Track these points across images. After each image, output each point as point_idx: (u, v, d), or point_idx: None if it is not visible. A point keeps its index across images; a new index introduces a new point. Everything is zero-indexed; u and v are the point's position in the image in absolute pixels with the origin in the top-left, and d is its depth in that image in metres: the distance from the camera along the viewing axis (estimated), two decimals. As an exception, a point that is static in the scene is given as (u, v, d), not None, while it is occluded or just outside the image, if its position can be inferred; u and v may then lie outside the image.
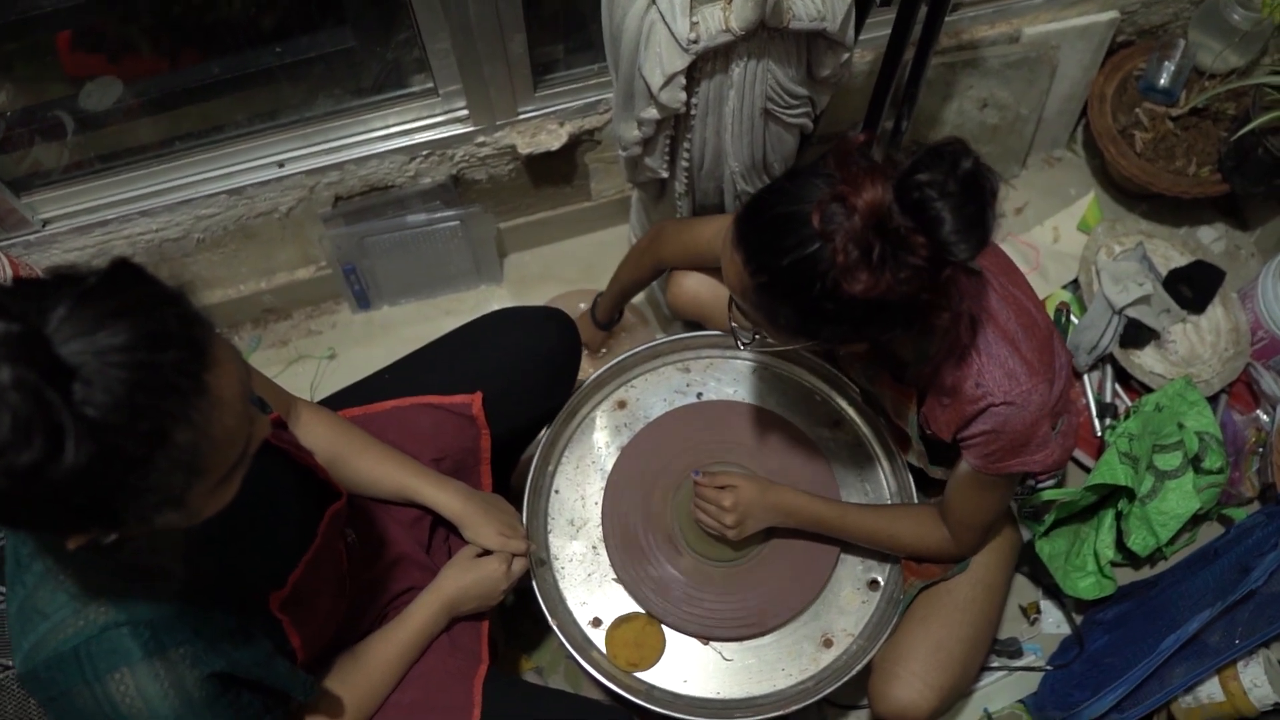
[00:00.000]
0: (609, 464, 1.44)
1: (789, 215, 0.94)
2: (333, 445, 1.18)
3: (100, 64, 1.54)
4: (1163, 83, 1.87)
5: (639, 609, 1.36)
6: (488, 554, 1.23)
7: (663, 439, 1.45)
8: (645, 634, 1.34)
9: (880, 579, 1.39)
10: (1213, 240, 2.03)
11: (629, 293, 1.63)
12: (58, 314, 0.60)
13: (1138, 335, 1.78)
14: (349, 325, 1.96)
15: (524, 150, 1.69)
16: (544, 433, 1.43)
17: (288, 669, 0.93)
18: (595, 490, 1.43)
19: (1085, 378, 1.83)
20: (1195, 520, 1.68)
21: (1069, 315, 1.89)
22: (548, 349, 1.36)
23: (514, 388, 1.33)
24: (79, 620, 0.77)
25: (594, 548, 1.39)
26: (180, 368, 0.64)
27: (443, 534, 1.30)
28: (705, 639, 1.35)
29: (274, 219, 1.72)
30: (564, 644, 1.29)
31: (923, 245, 0.87)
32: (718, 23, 1.18)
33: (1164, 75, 1.86)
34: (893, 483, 1.44)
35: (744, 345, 1.16)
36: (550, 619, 1.30)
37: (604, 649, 1.33)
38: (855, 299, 0.91)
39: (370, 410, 1.29)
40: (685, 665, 1.34)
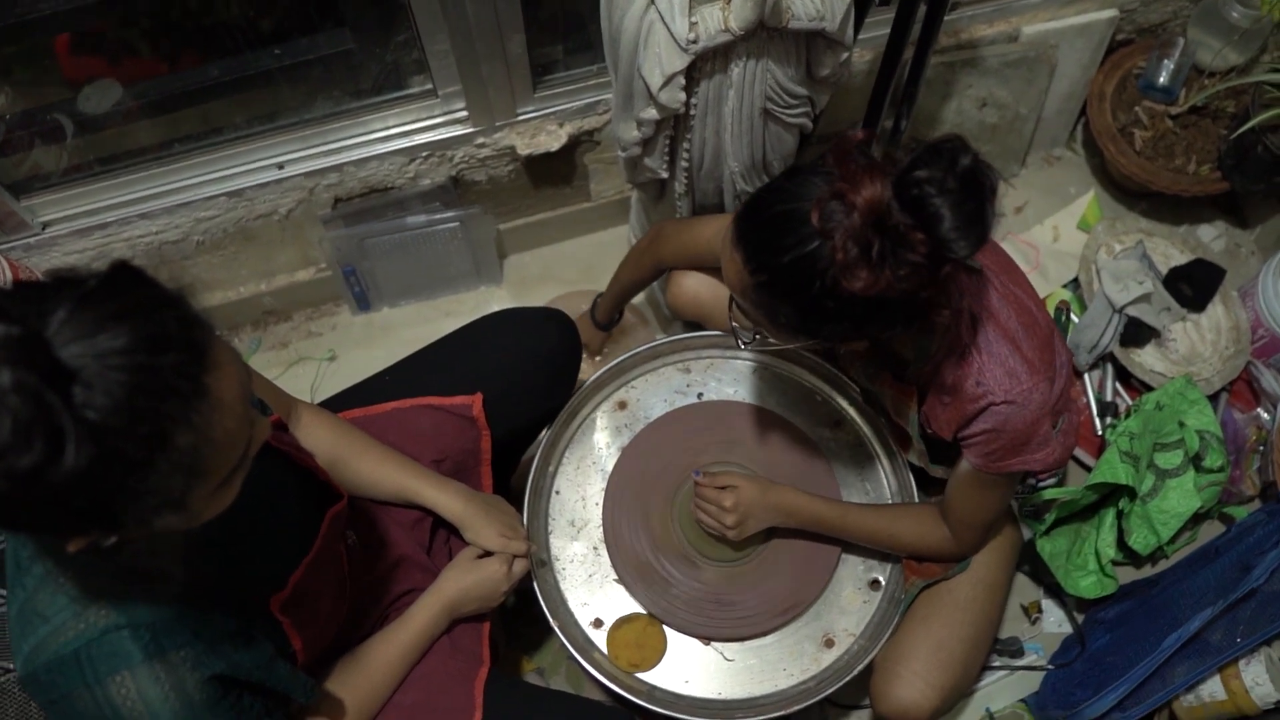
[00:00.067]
0: (610, 465, 1.44)
1: (788, 213, 0.94)
2: (333, 447, 1.18)
3: (99, 67, 1.54)
4: (1162, 81, 1.86)
5: (640, 610, 1.35)
6: (489, 555, 1.23)
7: (663, 439, 1.44)
8: (646, 635, 1.34)
9: (881, 578, 1.38)
10: (1213, 238, 2.03)
11: (629, 293, 1.63)
12: (58, 317, 0.60)
13: (1138, 334, 1.78)
14: (349, 327, 1.96)
15: (523, 151, 1.69)
16: (544, 434, 1.43)
17: (289, 671, 0.93)
18: (596, 491, 1.43)
19: (1086, 376, 1.83)
20: (1196, 519, 1.68)
21: (1069, 314, 1.89)
22: (548, 350, 1.36)
23: (514, 389, 1.33)
24: (79, 623, 0.77)
25: (595, 548, 1.39)
26: (180, 370, 0.64)
27: (443, 535, 1.30)
28: (706, 639, 1.35)
29: (274, 221, 1.72)
30: (565, 645, 1.29)
31: (922, 242, 0.87)
32: (717, 23, 1.18)
33: (1163, 73, 1.86)
34: (893, 482, 1.44)
35: (744, 345, 1.16)
36: (551, 620, 1.30)
37: (605, 650, 1.33)
38: (855, 296, 0.91)
39: (370, 412, 1.29)
40: (687, 666, 1.33)
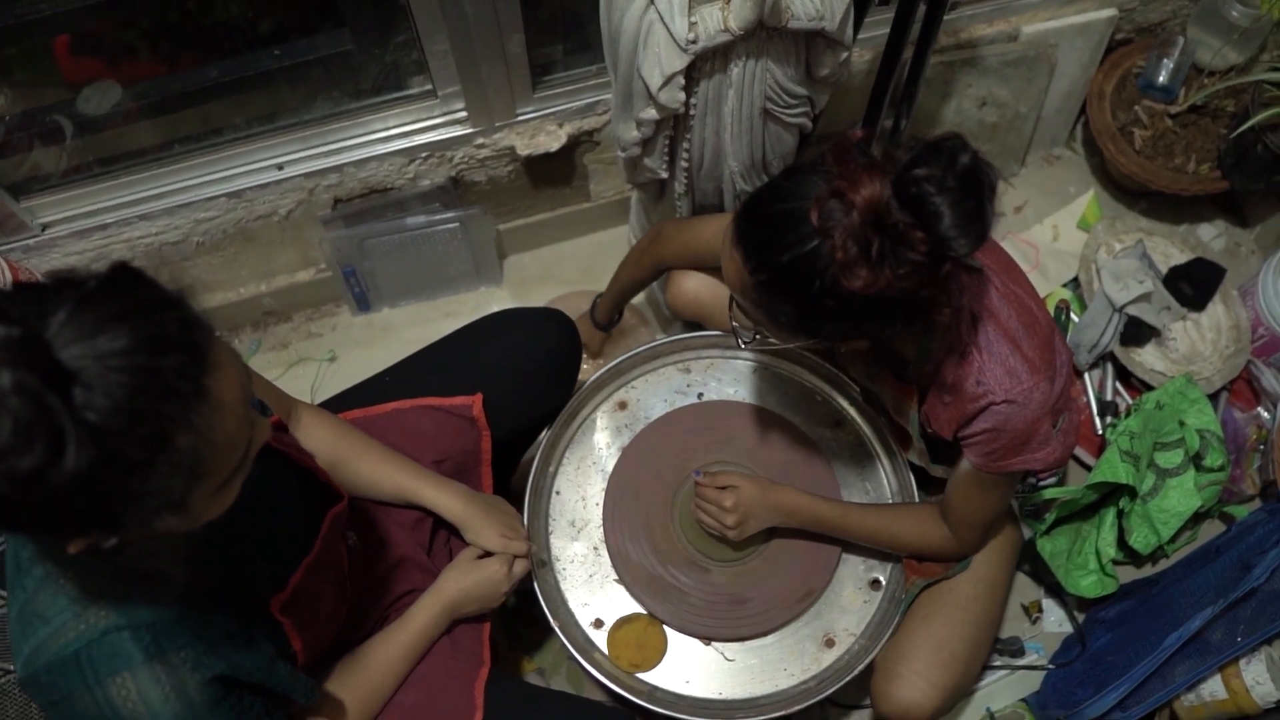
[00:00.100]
0: (610, 465, 1.44)
1: (788, 212, 0.94)
2: (334, 448, 1.18)
3: (99, 68, 1.54)
4: (1162, 80, 1.86)
5: (641, 610, 1.35)
6: (489, 556, 1.23)
7: (664, 440, 1.44)
8: (647, 635, 1.33)
9: (882, 578, 1.38)
10: (1213, 237, 2.02)
11: (629, 293, 1.63)
12: (58, 318, 0.60)
13: (1138, 333, 1.78)
14: (349, 328, 1.96)
15: (523, 151, 1.69)
16: (545, 434, 1.43)
17: (289, 672, 0.93)
18: (596, 491, 1.43)
19: (1086, 376, 1.83)
20: (1196, 518, 1.68)
21: (1069, 313, 1.89)
22: (548, 350, 1.36)
23: (515, 389, 1.33)
24: (80, 624, 0.77)
25: (595, 549, 1.39)
26: (181, 372, 0.64)
27: (444, 536, 1.30)
28: (707, 639, 1.35)
29: (273, 222, 1.72)
30: (566, 645, 1.29)
31: (921, 241, 0.87)
32: (716, 23, 1.18)
33: (1163, 72, 1.86)
34: (894, 482, 1.44)
35: (745, 344, 1.16)
36: (552, 620, 1.30)
37: (606, 650, 1.33)
38: (855, 295, 0.91)
39: (371, 412, 1.29)
40: (687, 666, 1.33)
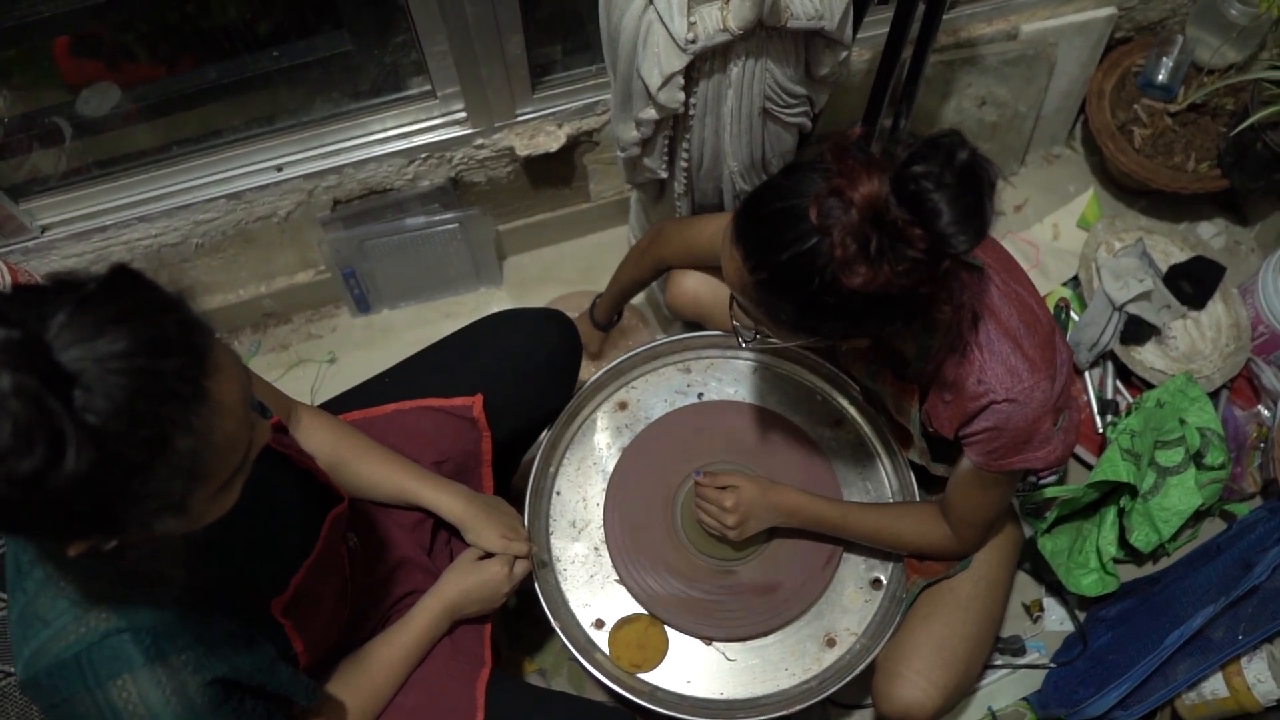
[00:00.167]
0: (610, 465, 1.44)
1: (786, 210, 0.94)
2: (334, 449, 1.18)
3: (98, 70, 1.53)
4: (1161, 78, 1.86)
5: (642, 610, 1.35)
6: (490, 557, 1.23)
7: (664, 440, 1.44)
8: (648, 635, 1.33)
9: (883, 578, 1.38)
10: (1212, 236, 2.02)
11: (629, 293, 1.63)
12: (57, 320, 0.60)
13: (1138, 331, 1.78)
14: (349, 329, 1.96)
15: (522, 152, 1.69)
16: (545, 434, 1.43)
17: (290, 674, 0.93)
18: (597, 492, 1.43)
19: (1086, 374, 1.83)
20: (1197, 516, 1.68)
21: (1069, 312, 1.89)
22: (548, 350, 1.36)
23: (515, 390, 1.33)
24: (80, 627, 0.77)
25: (596, 549, 1.39)
26: (181, 374, 0.64)
27: (444, 537, 1.30)
28: (708, 639, 1.35)
29: (273, 223, 1.72)
30: (567, 646, 1.29)
31: (920, 238, 0.86)
32: (715, 22, 1.18)
33: (1162, 71, 1.86)
34: (894, 481, 1.44)
35: (745, 344, 1.16)
36: (553, 621, 1.30)
37: (607, 650, 1.33)
38: (854, 293, 0.90)
39: (371, 414, 1.28)
40: (688, 666, 1.33)
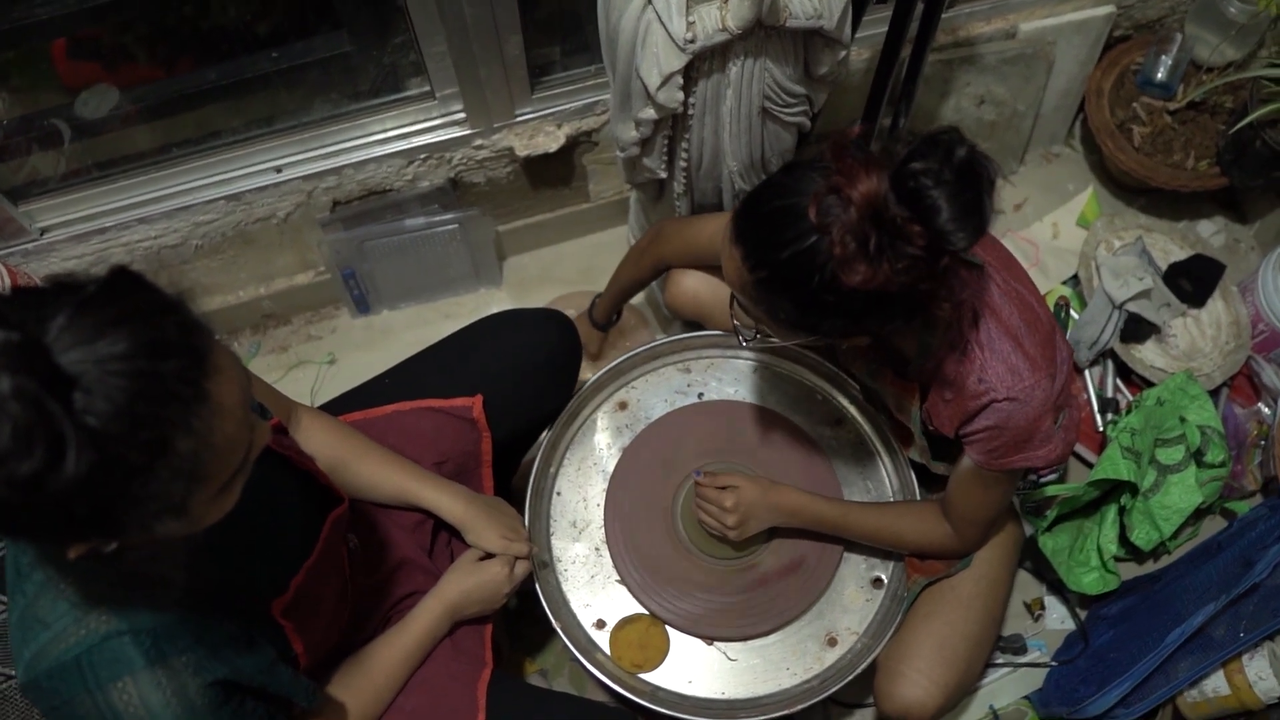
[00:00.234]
0: (611, 465, 1.44)
1: (786, 209, 0.94)
2: (334, 450, 1.18)
3: (96, 72, 1.53)
4: (1160, 77, 1.86)
5: (642, 610, 1.35)
6: (490, 557, 1.23)
7: (664, 440, 1.44)
8: (649, 635, 1.33)
9: (884, 576, 1.38)
10: (1212, 234, 2.02)
11: (628, 293, 1.63)
12: (57, 323, 0.60)
13: (1138, 330, 1.78)
14: (348, 330, 1.96)
15: (522, 152, 1.69)
16: (545, 435, 1.43)
17: (290, 675, 0.93)
18: (597, 492, 1.42)
19: (1086, 373, 1.83)
20: (1198, 514, 1.68)
21: (1069, 310, 1.89)
22: (548, 350, 1.36)
23: (515, 390, 1.33)
24: (80, 629, 0.77)
25: (597, 549, 1.39)
26: (181, 376, 0.64)
27: (445, 538, 1.30)
28: (709, 639, 1.34)
29: (272, 224, 1.72)
30: (568, 646, 1.29)
31: (920, 235, 0.86)
32: (714, 22, 1.18)
33: (1161, 69, 1.86)
34: (895, 480, 1.44)
35: (746, 343, 1.16)
36: (554, 621, 1.30)
37: (608, 651, 1.33)
38: (854, 291, 0.90)
39: (371, 415, 1.28)
40: (690, 666, 1.33)
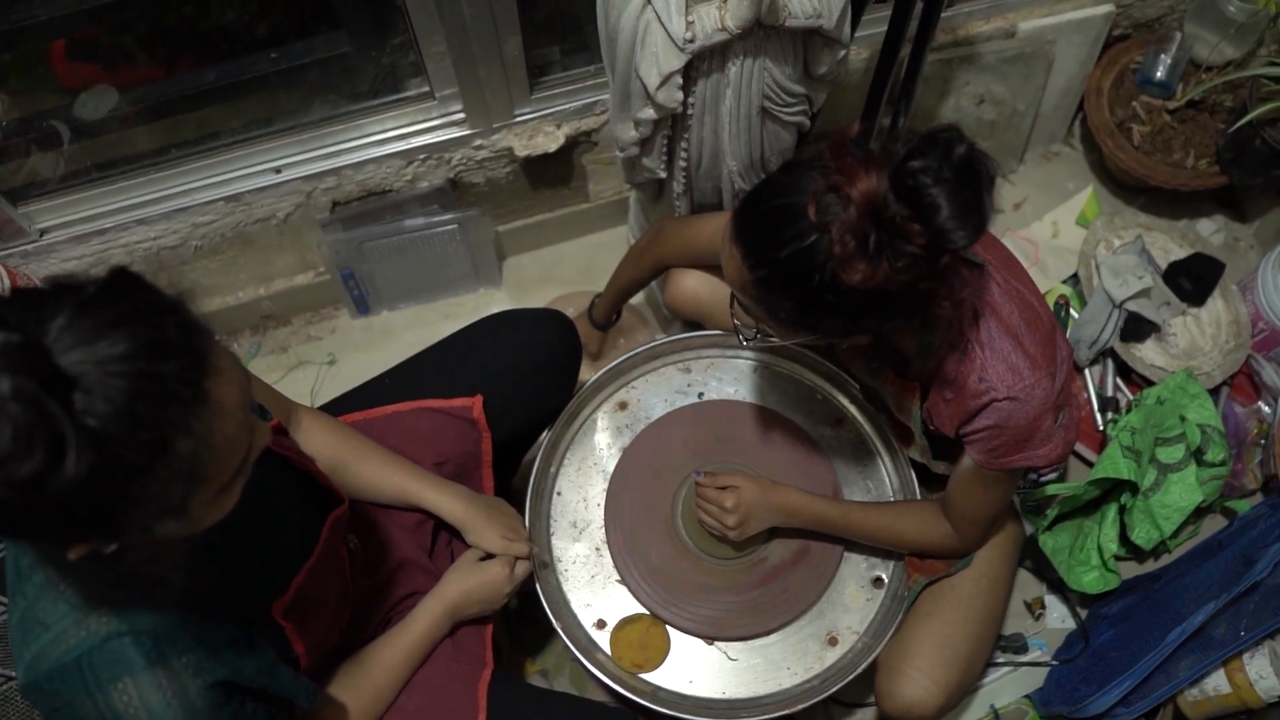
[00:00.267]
0: (611, 465, 1.44)
1: (785, 208, 0.94)
2: (334, 451, 1.18)
3: (95, 73, 1.53)
4: (1159, 75, 1.86)
5: (643, 610, 1.35)
6: (491, 558, 1.23)
7: (664, 439, 1.44)
8: (650, 635, 1.33)
9: (884, 576, 1.38)
10: (1212, 232, 2.02)
11: (628, 293, 1.63)
12: (57, 324, 0.60)
13: (1138, 328, 1.78)
14: (348, 331, 1.96)
15: (521, 152, 1.69)
16: (545, 435, 1.43)
17: (291, 676, 0.93)
18: (598, 492, 1.42)
19: (1086, 372, 1.83)
20: (1198, 513, 1.68)
21: (1069, 309, 1.89)
22: (548, 350, 1.36)
23: (515, 390, 1.33)
24: (81, 631, 0.77)
25: (597, 549, 1.39)
26: (181, 376, 0.64)
27: (445, 538, 1.30)
28: (710, 639, 1.34)
29: (272, 225, 1.72)
30: (569, 646, 1.29)
31: (919, 233, 0.86)
32: (714, 21, 1.18)
33: (1160, 68, 1.86)
34: (895, 479, 1.44)
35: (746, 342, 1.16)
36: (554, 621, 1.30)
37: (609, 651, 1.33)
38: (854, 289, 0.90)
39: (371, 415, 1.28)
40: (690, 666, 1.33)
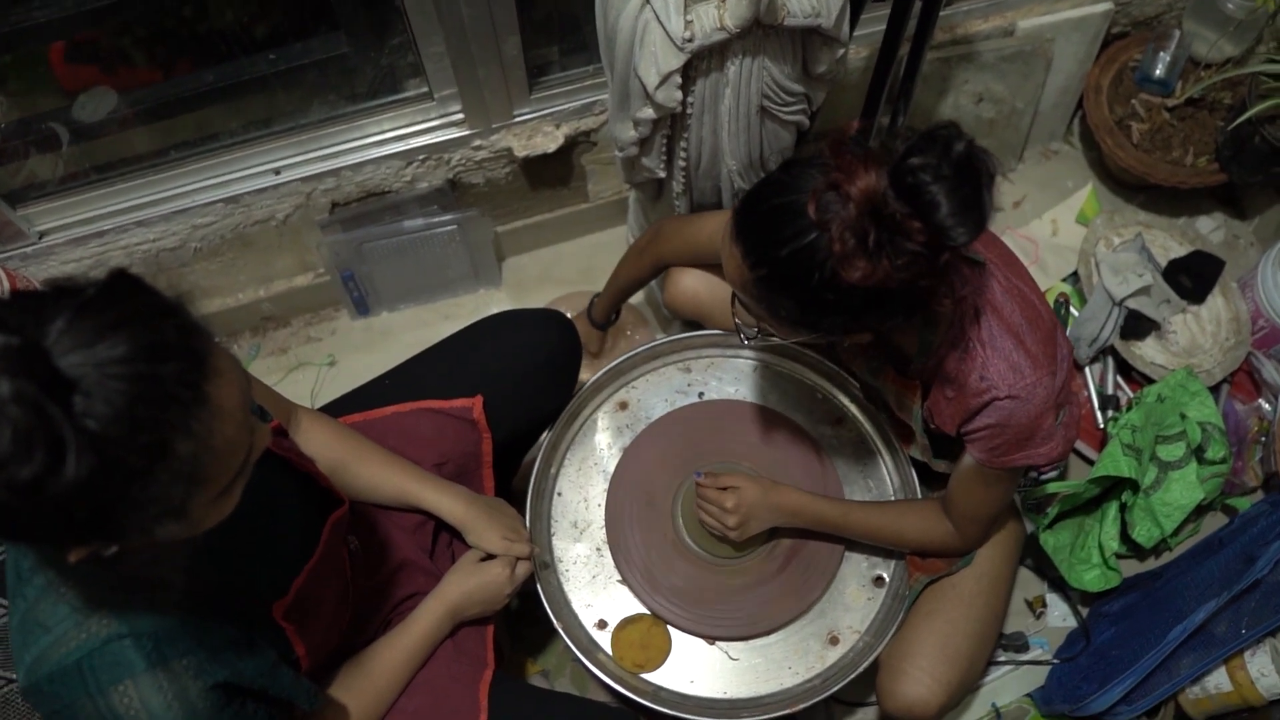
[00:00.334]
0: (611, 465, 1.44)
1: (785, 206, 0.94)
2: (334, 452, 1.18)
3: (94, 75, 1.53)
4: (1158, 73, 1.86)
5: (644, 610, 1.35)
6: (491, 558, 1.23)
7: (665, 439, 1.44)
8: (651, 635, 1.33)
9: (885, 575, 1.38)
10: (1211, 230, 2.02)
11: (627, 292, 1.63)
12: (57, 326, 0.60)
13: (1138, 326, 1.78)
14: (348, 332, 1.96)
15: (520, 153, 1.69)
16: (546, 435, 1.43)
17: (292, 678, 0.93)
18: (598, 492, 1.42)
19: (1087, 370, 1.83)
20: (1199, 510, 1.68)
21: (1069, 307, 1.89)
22: (548, 351, 1.36)
23: (515, 390, 1.33)
24: (81, 633, 0.77)
25: (598, 549, 1.39)
26: (180, 379, 0.64)
27: (446, 539, 1.30)
28: (711, 639, 1.34)
29: (271, 227, 1.72)
30: (570, 647, 1.29)
31: (919, 230, 0.86)
32: (712, 21, 1.18)
33: (1159, 66, 1.86)
34: (895, 478, 1.44)
35: (747, 341, 1.16)
36: (555, 622, 1.30)
37: (610, 651, 1.33)
38: (854, 287, 0.90)
39: (371, 416, 1.28)
40: (691, 666, 1.33)
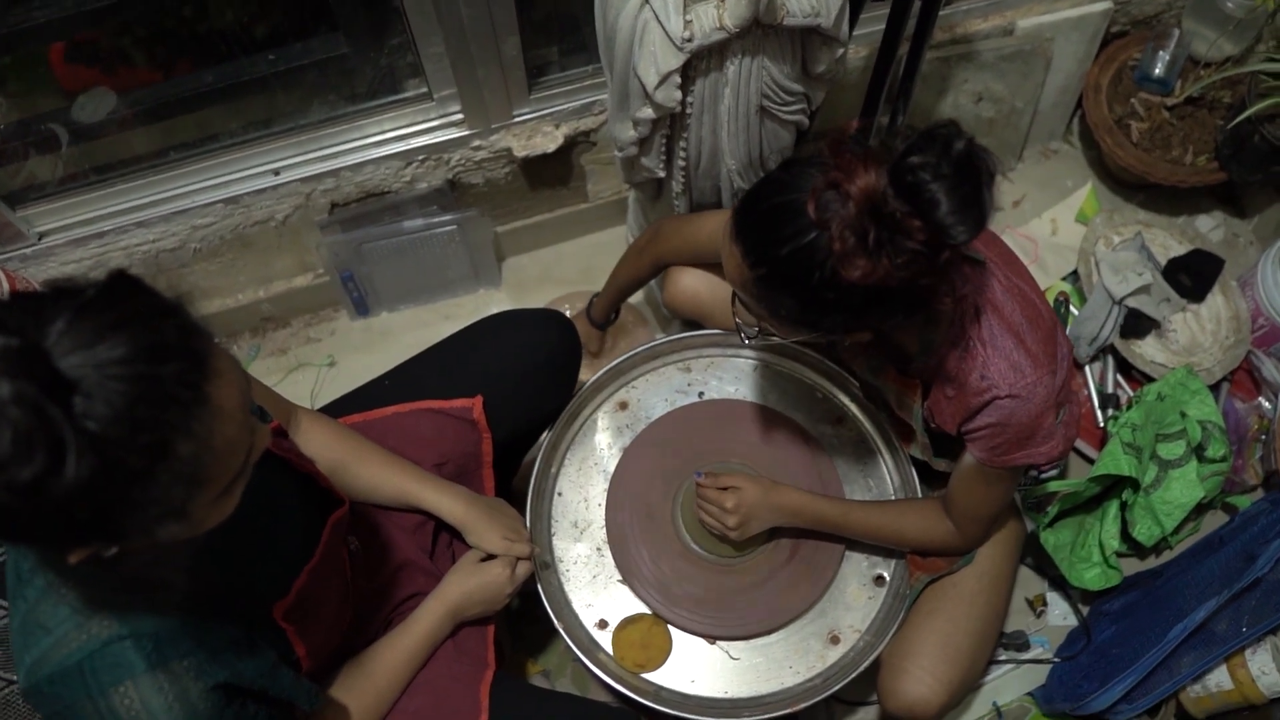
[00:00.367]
0: (611, 465, 1.44)
1: (785, 205, 0.94)
2: (334, 453, 1.18)
3: (93, 76, 1.53)
4: (1158, 72, 1.86)
5: (645, 610, 1.35)
6: (492, 558, 1.23)
7: (665, 439, 1.44)
8: (652, 635, 1.33)
9: (886, 574, 1.38)
10: (1211, 228, 2.02)
11: (627, 291, 1.63)
12: (56, 327, 0.60)
13: (1138, 325, 1.78)
14: (348, 332, 1.96)
15: (520, 153, 1.69)
16: (546, 435, 1.43)
17: (292, 679, 0.93)
18: (598, 492, 1.42)
19: (1087, 369, 1.83)
20: (1199, 509, 1.68)
21: (1069, 306, 1.89)
22: (548, 351, 1.36)
23: (515, 390, 1.33)
24: (82, 634, 0.77)
25: (598, 549, 1.39)
26: (180, 379, 0.64)
27: (446, 539, 1.30)
28: (712, 638, 1.34)
29: (270, 227, 1.72)
30: (570, 647, 1.29)
31: (919, 229, 0.86)
32: (712, 20, 1.18)
33: (1159, 65, 1.86)
34: (896, 477, 1.44)
35: (748, 340, 1.16)
36: (556, 622, 1.30)
37: (611, 651, 1.33)
38: (854, 286, 0.90)
39: (371, 417, 1.28)
40: (692, 665, 1.33)
